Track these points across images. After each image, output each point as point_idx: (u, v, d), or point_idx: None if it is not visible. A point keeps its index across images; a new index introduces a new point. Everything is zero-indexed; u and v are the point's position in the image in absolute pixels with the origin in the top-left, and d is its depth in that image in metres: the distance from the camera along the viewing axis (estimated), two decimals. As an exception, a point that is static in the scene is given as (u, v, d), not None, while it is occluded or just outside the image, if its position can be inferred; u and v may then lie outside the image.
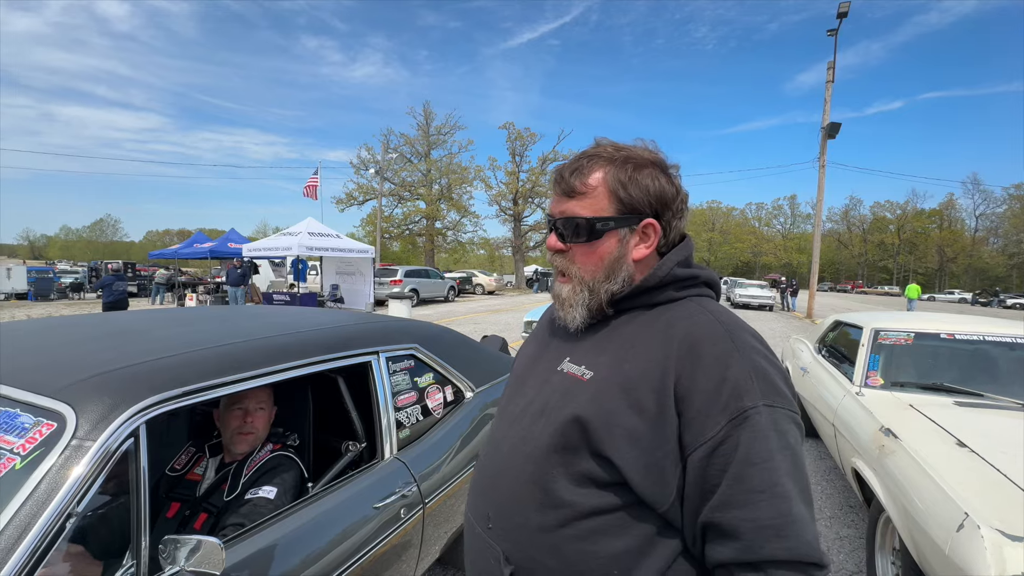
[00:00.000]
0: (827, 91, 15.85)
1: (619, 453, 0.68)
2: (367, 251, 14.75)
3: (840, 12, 14.63)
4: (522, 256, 37.62)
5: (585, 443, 0.71)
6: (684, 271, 0.79)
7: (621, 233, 0.77)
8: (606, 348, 0.78)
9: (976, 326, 3.01)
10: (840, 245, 79.99)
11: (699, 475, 0.65)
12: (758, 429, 0.64)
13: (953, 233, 70.11)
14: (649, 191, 0.76)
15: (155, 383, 1.14)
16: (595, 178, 0.77)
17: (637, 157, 0.77)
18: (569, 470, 0.72)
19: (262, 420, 1.63)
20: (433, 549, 1.86)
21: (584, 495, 0.71)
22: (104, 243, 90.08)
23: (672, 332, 0.73)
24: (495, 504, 0.80)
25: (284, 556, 1.25)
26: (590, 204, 0.77)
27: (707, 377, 0.67)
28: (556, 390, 0.78)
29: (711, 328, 0.72)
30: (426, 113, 35.90)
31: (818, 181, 16.52)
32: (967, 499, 1.58)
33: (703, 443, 0.65)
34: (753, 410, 0.64)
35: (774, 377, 0.68)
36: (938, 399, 2.53)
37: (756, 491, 0.62)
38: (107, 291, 9.72)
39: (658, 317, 0.77)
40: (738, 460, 0.63)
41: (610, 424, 0.69)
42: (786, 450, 0.65)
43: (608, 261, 0.77)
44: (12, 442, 0.97)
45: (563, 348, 0.84)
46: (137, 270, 21.12)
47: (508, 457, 0.80)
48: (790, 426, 0.67)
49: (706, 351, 0.69)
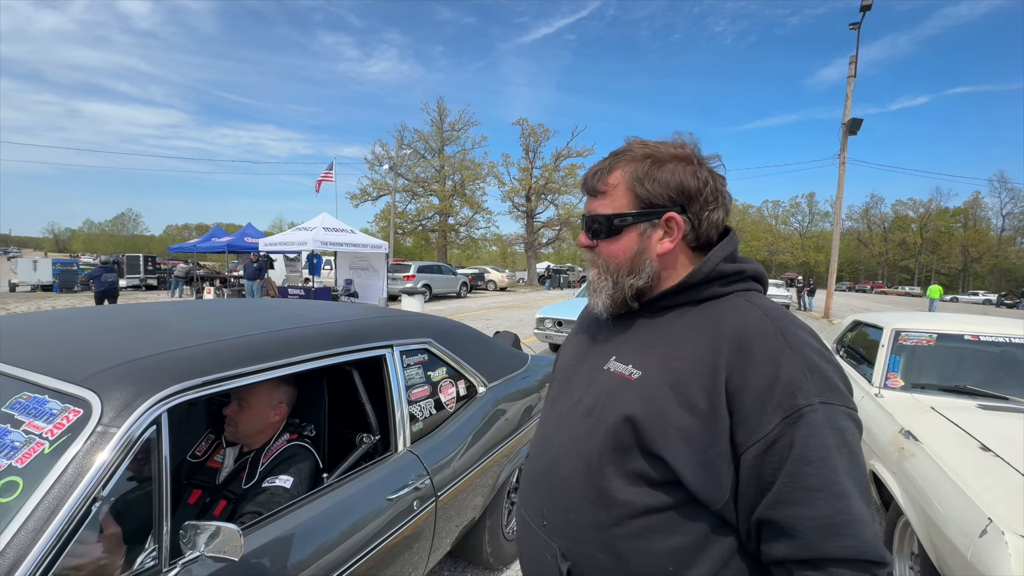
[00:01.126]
0: (848, 86, 15.48)
1: (672, 452, 0.68)
2: (381, 246, 14.86)
3: (863, 5, 14.24)
4: (534, 252, 37.55)
5: (637, 443, 0.71)
6: (730, 266, 0.78)
7: (641, 228, 0.78)
8: (653, 346, 0.77)
9: (1001, 328, 2.93)
10: (860, 244, 78.29)
11: (753, 473, 0.65)
12: (814, 427, 0.63)
13: (978, 232, 68.13)
14: (668, 185, 0.76)
15: (177, 372, 1.17)
16: (615, 177, 0.79)
17: (658, 153, 0.78)
18: (621, 469, 0.72)
19: (244, 417, 1.59)
20: (445, 542, 1.87)
21: (638, 493, 0.71)
22: (125, 237, 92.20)
23: (720, 329, 0.72)
24: (549, 501, 0.81)
25: (299, 544, 1.27)
26: (611, 202, 0.79)
27: (758, 375, 0.66)
28: (604, 389, 0.78)
29: (761, 324, 0.71)
30: (440, 109, 35.96)
31: (838, 178, 16.16)
32: (990, 504, 1.54)
33: (756, 441, 0.64)
34: (808, 408, 0.63)
35: (829, 373, 0.67)
36: (961, 402, 2.47)
37: (813, 489, 0.62)
38: (97, 282, 10.32)
39: (705, 313, 0.76)
40: (793, 458, 0.62)
41: (662, 424, 0.69)
42: (843, 447, 0.63)
43: (630, 256, 0.79)
44: (41, 427, 1.00)
45: (608, 347, 0.84)
46: (157, 263, 21.56)
47: (559, 455, 0.81)
48: (847, 423, 0.65)
49: (757, 348, 0.68)
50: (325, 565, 1.31)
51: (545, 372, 2.77)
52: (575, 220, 36.53)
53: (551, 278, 32.31)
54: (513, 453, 2.27)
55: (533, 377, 2.62)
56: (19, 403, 1.06)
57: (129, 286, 19.98)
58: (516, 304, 17.62)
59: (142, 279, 20.10)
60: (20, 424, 1.02)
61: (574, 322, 6.04)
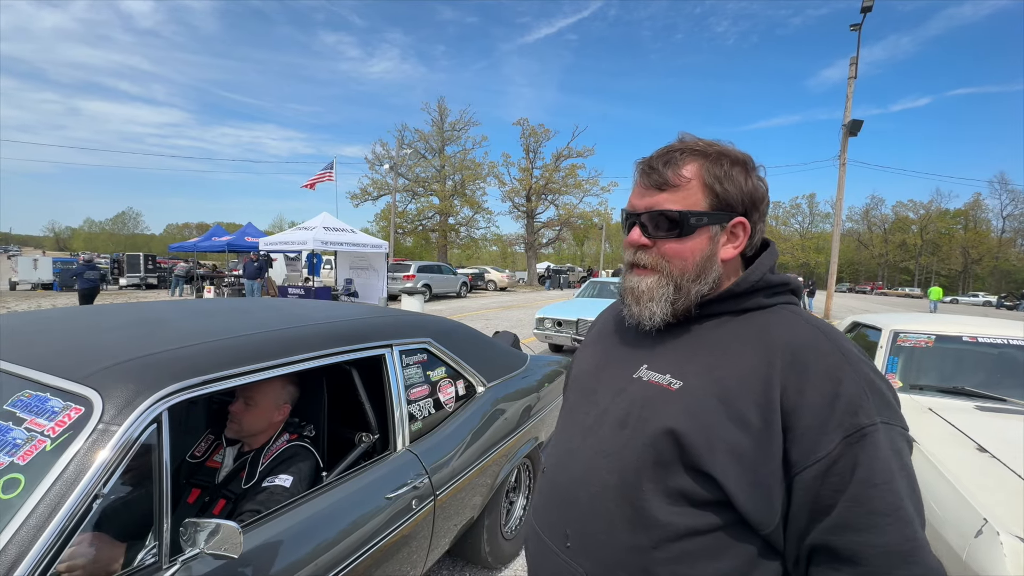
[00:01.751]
0: (849, 87, 15.49)
1: (722, 470, 0.64)
2: (381, 246, 14.87)
3: (864, 7, 14.24)
4: (535, 253, 37.56)
5: (680, 458, 0.67)
6: (776, 277, 0.75)
7: (712, 230, 0.73)
8: (692, 356, 0.73)
9: (1000, 329, 2.93)
10: (860, 245, 78.27)
11: (809, 495, 0.61)
12: (877, 448, 0.60)
13: (979, 234, 68.09)
14: (743, 189, 0.73)
15: (177, 371, 1.17)
16: (689, 170, 0.73)
17: (731, 153, 0.74)
18: (661, 486, 0.68)
19: (250, 415, 1.60)
20: (443, 541, 1.88)
21: (679, 514, 0.67)
22: (126, 235, 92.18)
23: (771, 341, 0.69)
24: (575, 521, 0.75)
25: (298, 542, 1.28)
26: (683, 197, 0.72)
27: (817, 391, 0.63)
28: (637, 400, 0.74)
29: (815, 338, 0.68)
30: (440, 109, 35.97)
31: (838, 179, 16.17)
32: (986, 505, 1.55)
33: (815, 461, 0.61)
34: (871, 427, 0.61)
35: (887, 393, 0.65)
36: (959, 403, 2.48)
37: (879, 514, 0.58)
38: (80, 279, 10.51)
39: (749, 324, 0.73)
40: (857, 481, 0.59)
41: (710, 438, 0.65)
42: (903, 470, 0.61)
43: (699, 259, 0.73)
44: (43, 424, 1.01)
45: (637, 354, 0.79)
46: (158, 262, 21.56)
47: (587, 470, 0.75)
48: (904, 445, 0.63)
49: (813, 363, 0.65)
50: (324, 563, 1.31)
51: (545, 372, 2.78)
52: (575, 220, 36.56)
53: (551, 278, 32.31)
54: (512, 453, 2.27)
55: (532, 377, 2.63)
56: (21, 401, 1.06)
57: (129, 285, 19.99)
58: (516, 304, 17.63)
59: (142, 278, 20.11)
60: (22, 422, 1.02)
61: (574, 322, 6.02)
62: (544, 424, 2.63)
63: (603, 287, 9.11)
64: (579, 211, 36.43)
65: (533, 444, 2.48)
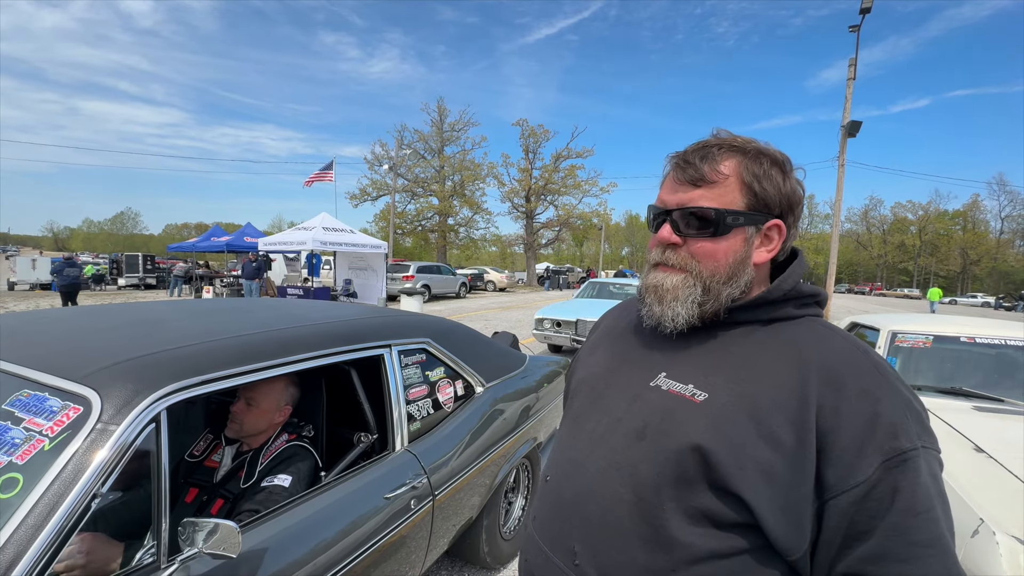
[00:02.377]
0: (848, 89, 15.53)
1: (753, 491, 0.60)
2: (380, 246, 14.86)
3: (863, 8, 14.28)
4: (534, 253, 37.56)
5: (705, 476, 0.63)
6: (808, 288, 0.72)
7: (748, 232, 0.70)
8: (718, 366, 0.69)
9: (997, 330, 2.94)
10: (859, 246, 78.38)
11: (844, 521, 0.58)
12: (918, 474, 0.57)
13: (977, 235, 68.28)
14: (780, 189, 0.69)
15: (176, 371, 1.17)
16: (727, 166, 0.69)
17: (771, 152, 0.71)
18: (683, 505, 0.64)
19: (251, 416, 1.60)
20: (442, 541, 1.88)
21: (701, 535, 0.63)
22: (124, 236, 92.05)
23: (804, 356, 0.65)
24: (585, 538, 0.70)
25: (297, 542, 1.28)
26: (719, 195, 0.68)
27: (855, 411, 0.60)
28: (656, 410, 0.69)
29: (852, 355, 0.65)
30: (440, 110, 35.98)
31: (837, 180, 16.20)
32: (983, 505, 1.55)
33: (853, 486, 0.58)
34: (912, 452, 0.58)
35: (923, 415, 0.63)
36: (956, 403, 2.48)
37: (922, 545, 0.56)
38: (60, 276, 10.99)
39: (777, 336, 0.69)
40: (898, 508, 0.56)
41: (740, 457, 0.61)
42: (941, 497, 0.59)
43: (733, 261, 0.69)
44: (41, 424, 1.01)
45: (655, 360, 0.75)
46: (156, 263, 21.52)
47: (598, 484, 0.70)
48: (939, 471, 0.61)
49: (851, 382, 0.62)
50: (322, 563, 1.31)
51: (544, 372, 2.78)
52: (575, 221, 36.57)
53: (550, 279, 32.32)
54: (511, 453, 2.27)
55: (531, 377, 2.63)
56: (19, 400, 1.06)
57: (128, 285, 19.96)
58: (515, 305, 17.63)
59: (141, 278, 20.08)
60: (20, 421, 1.02)
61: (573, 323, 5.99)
62: (543, 424, 2.63)
63: (602, 287, 9.11)
64: (578, 212, 36.45)
65: (532, 444, 2.48)
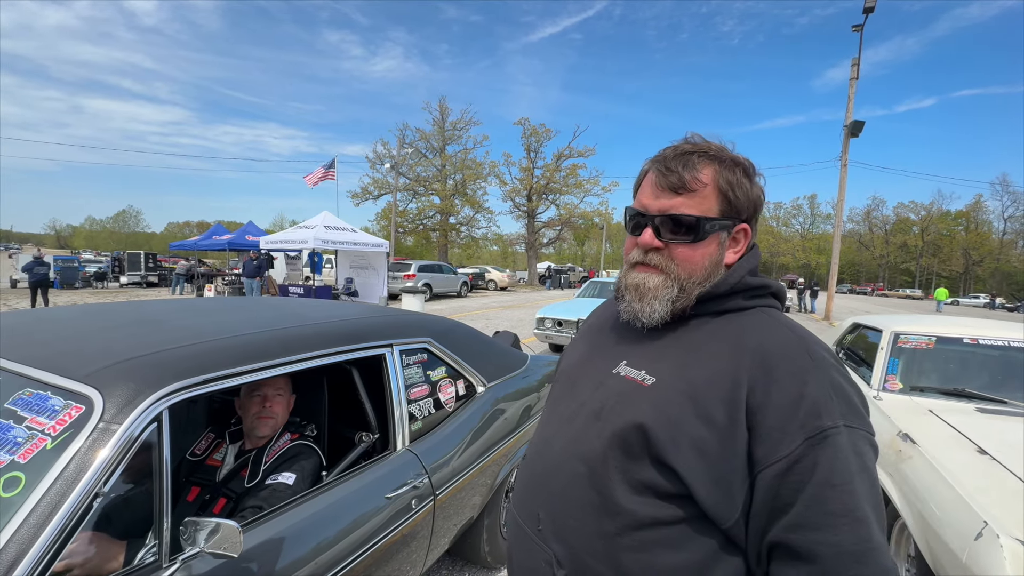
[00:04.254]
0: (851, 88, 15.47)
1: (685, 464, 0.66)
2: (381, 245, 14.87)
3: (866, 7, 14.22)
4: (535, 252, 37.55)
5: (647, 451, 0.69)
6: (755, 280, 0.77)
7: (722, 236, 0.76)
8: (668, 354, 0.75)
9: (1000, 331, 2.93)
10: (861, 246, 78.17)
11: (770, 493, 0.63)
12: (838, 450, 0.61)
13: (980, 236, 68.02)
14: (749, 196, 0.75)
15: (178, 370, 1.17)
16: (706, 175, 0.74)
17: (740, 160, 0.76)
18: (628, 477, 0.70)
19: (281, 405, 1.67)
20: (443, 541, 1.88)
21: (643, 504, 0.69)
22: (126, 234, 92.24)
23: (743, 342, 0.70)
24: (547, 505, 0.78)
25: (298, 541, 1.28)
26: (699, 203, 0.73)
27: (783, 392, 0.64)
28: (612, 393, 0.76)
29: (786, 340, 0.70)
30: (441, 108, 35.93)
31: (839, 180, 16.16)
32: (986, 507, 1.55)
33: (777, 460, 0.62)
34: (833, 430, 0.62)
35: (852, 396, 0.66)
36: (959, 405, 2.48)
37: (836, 514, 0.60)
38: (31, 274, 11.77)
39: (726, 326, 0.75)
40: (816, 481, 0.61)
41: (676, 433, 0.67)
42: (864, 473, 0.62)
43: (708, 264, 0.75)
44: (44, 423, 1.01)
45: (619, 351, 0.82)
46: (158, 261, 21.55)
47: (561, 457, 0.78)
48: (867, 448, 0.64)
49: (781, 365, 0.67)
50: (324, 562, 1.31)
51: (545, 372, 2.78)
52: (576, 220, 36.54)
53: (552, 278, 32.30)
54: (512, 453, 2.27)
55: (532, 377, 2.63)
56: (22, 399, 1.06)
57: (130, 283, 20.00)
58: (516, 304, 17.62)
59: (143, 276, 20.11)
60: (23, 420, 1.03)
61: (578, 320, 6.08)
62: (544, 424, 2.62)
63: (603, 287, 9.11)
64: (580, 211, 36.43)
65: (533, 444, 2.48)
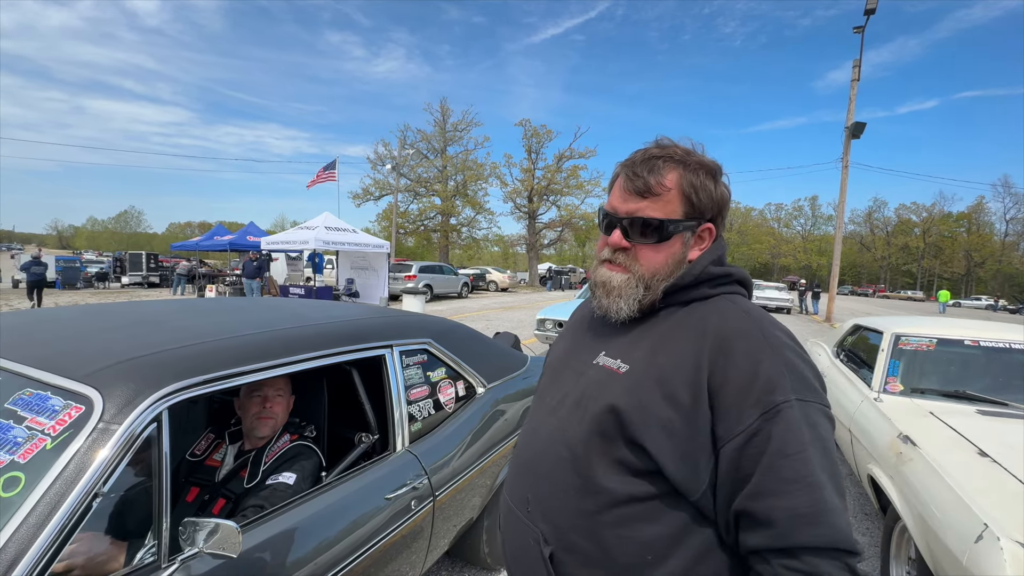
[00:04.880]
0: (852, 90, 15.47)
1: (654, 443, 0.71)
2: (382, 246, 14.88)
3: (867, 9, 14.22)
4: (536, 254, 37.53)
5: (621, 432, 0.74)
6: (718, 269, 0.81)
7: (685, 236, 0.80)
8: (641, 343, 0.80)
9: (1001, 333, 2.92)
10: (862, 248, 78.04)
11: (732, 466, 0.67)
12: (790, 422, 0.66)
13: (981, 237, 67.87)
14: (713, 197, 0.79)
15: (178, 370, 1.18)
16: (670, 179, 0.78)
17: (706, 163, 0.79)
18: (605, 458, 0.75)
19: (281, 405, 1.68)
20: (442, 542, 1.88)
21: (620, 482, 0.74)
22: (128, 234, 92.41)
23: (705, 327, 0.75)
24: (534, 488, 0.84)
25: (298, 542, 1.28)
26: (663, 206, 0.78)
27: (739, 371, 0.69)
28: (592, 382, 0.81)
29: (743, 324, 0.74)
30: (443, 109, 35.96)
31: (841, 182, 16.15)
32: (987, 509, 1.54)
33: (736, 435, 0.67)
34: (785, 404, 0.66)
35: (805, 372, 0.70)
36: (960, 407, 2.47)
37: (790, 481, 0.64)
38: (28, 273, 11.94)
39: (692, 313, 0.79)
40: (771, 452, 0.65)
41: (645, 415, 0.72)
42: (818, 442, 0.66)
43: (672, 262, 0.80)
44: (43, 423, 1.02)
45: (599, 343, 0.87)
46: (160, 261, 21.58)
47: (546, 444, 0.84)
48: (821, 419, 0.68)
49: (738, 346, 0.71)
50: (323, 563, 1.31)
51: (544, 373, 2.77)
52: (577, 221, 36.51)
53: (552, 279, 32.28)
54: (512, 454, 2.27)
55: (533, 378, 2.62)
56: (22, 399, 1.07)
57: (131, 283, 20.03)
58: (517, 305, 17.62)
59: (144, 277, 20.15)
60: (23, 420, 1.03)
61: (572, 322, 6.02)
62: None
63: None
64: (581, 212, 36.37)
65: (533, 445, 2.47)
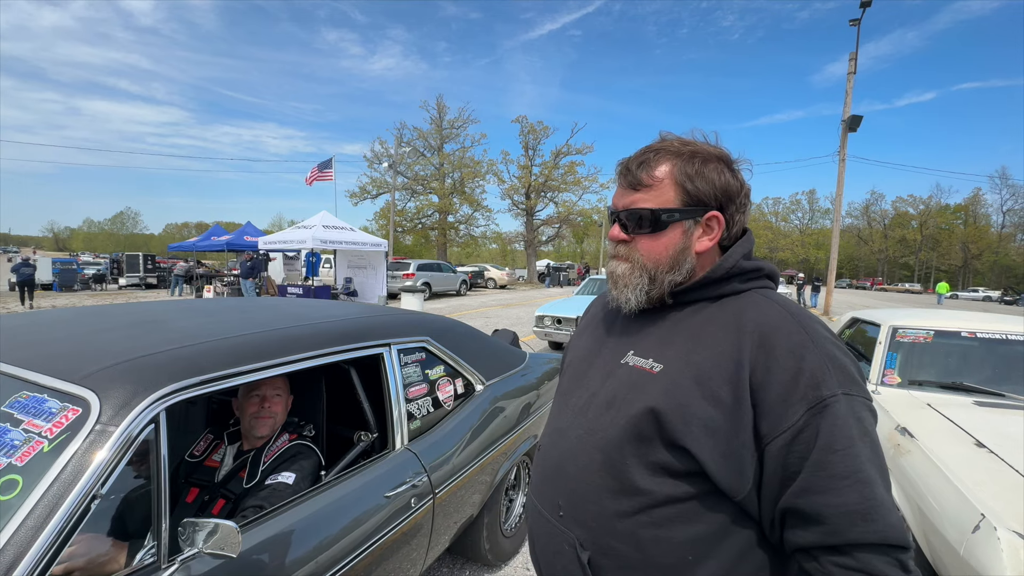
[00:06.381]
0: (848, 83, 15.45)
1: (697, 444, 0.69)
2: (380, 244, 14.85)
3: (863, 2, 14.20)
4: (534, 250, 37.51)
5: (659, 434, 0.72)
6: (749, 263, 0.80)
7: (686, 225, 0.78)
8: (672, 341, 0.78)
9: (999, 324, 2.93)
10: (860, 241, 78.22)
11: (778, 463, 0.66)
12: (838, 417, 0.64)
13: (979, 229, 68.04)
14: (715, 184, 0.77)
15: (175, 371, 1.17)
16: (661, 171, 0.78)
17: (703, 151, 0.79)
18: (643, 460, 0.73)
19: (279, 405, 1.68)
20: (443, 539, 1.88)
21: (659, 483, 0.72)
22: (125, 235, 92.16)
23: (742, 323, 0.74)
24: (565, 492, 0.82)
25: (298, 541, 1.29)
26: (655, 196, 0.78)
27: (782, 367, 0.68)
28: (623, 383, 0.79)
29: (782, 319, 0.73)
30: (439, 107, 35.83)
31: (838, 175, 16.15)
32: (984, 500, 1.55)
33: (782, 432, 0.66)
34: (832, 399, 0.65)
35: (849, 366, 0.69)
36: (957, 399, 2.48)
37: (840, 477, 0.63)
38: (18, 274, 12.29)
39: (724, 309, 0.78)
40: (819, 447, 0.64)
41: (686, 416, 0.70)
42: (865, 437, 0.65)
43: (673, 252, 0.79)
44: (40, 426, 1.01)
45: (625, 341, 0.85)
46: (157, 262, 21.51)
47: (576, 447, 0.81)
48: (866, 413, 0.67)
49: (780, 342, 0.70)
50: (323, 562, 1.32)
51: (544, 370, 2.78)
52: (575, 218, 36.50)
53: (551, 276, 32.29)
54: (511, 450, 2.27)
55: (531, 375, 2.63)
56: (18, 402, 1.06)
57: (129, 284, 19.97)
58: (516, 302, 17.62)
59: (141, 278, 20.07)
60: (19, 423, 1.03)
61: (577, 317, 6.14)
62: (544, 421, 2.63)
63: (603, 284, 9.11)
64: (578, 208, 36.40)
65: (532, 442, 2.48)
